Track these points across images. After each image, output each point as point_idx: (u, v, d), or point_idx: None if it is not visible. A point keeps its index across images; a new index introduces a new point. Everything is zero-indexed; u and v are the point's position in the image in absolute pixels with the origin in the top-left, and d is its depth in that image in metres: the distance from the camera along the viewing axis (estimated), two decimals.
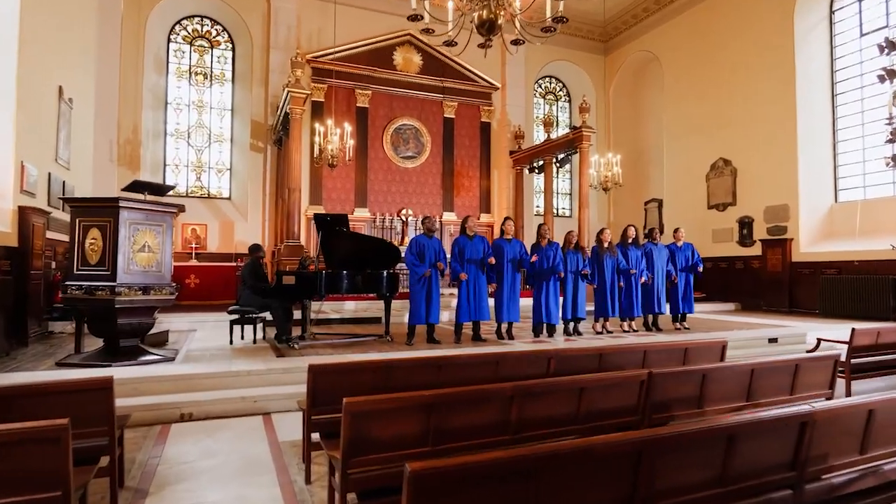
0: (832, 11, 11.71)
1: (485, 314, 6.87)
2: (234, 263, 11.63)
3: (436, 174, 14.53)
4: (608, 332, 7.72)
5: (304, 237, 12.01)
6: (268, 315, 6.86)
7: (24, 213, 6.48)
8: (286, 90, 10.08)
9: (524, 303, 7.44)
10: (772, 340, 7.60)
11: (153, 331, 6.01)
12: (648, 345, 4.02)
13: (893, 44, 9.73)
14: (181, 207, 5.50)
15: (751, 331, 8.08)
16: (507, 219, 7.36)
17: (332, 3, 12.85)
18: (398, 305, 9.48)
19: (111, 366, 4.90)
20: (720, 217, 13.22)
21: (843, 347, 5.48)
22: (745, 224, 12.59)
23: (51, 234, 7.36)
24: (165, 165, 12.75)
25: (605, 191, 12.22)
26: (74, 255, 5.03)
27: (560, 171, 16.86)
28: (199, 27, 13.28)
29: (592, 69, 17.18)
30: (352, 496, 2.29)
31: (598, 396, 2.75)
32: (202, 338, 7.09)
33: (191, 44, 13.22)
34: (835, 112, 11.65)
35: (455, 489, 1.45)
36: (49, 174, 7.50)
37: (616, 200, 16.91)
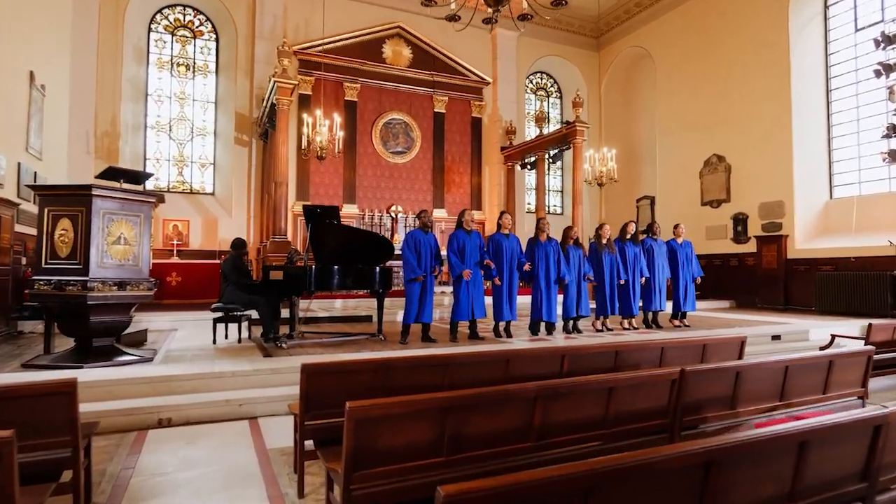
0: (826, 7, 11.62)
1: (482, 312, 6.59)
2: (218, 261, 11.19)
3: (426, 170, 14.23)
4: (608, 330, 7.47)
5: (291, 233, 11.63)
6: (254, 313, 6.50)
7: None
8: (273, 80, 9.70)
9: (521, 300, 7.16)
10: (775, 338, 7.41)
11: (130, 330, 5.63)
12: (666, 341, 3.76)
13: (890, 38, 9.64)
14: (160, 197, 5.14)
15: (753, 328, 7.89)
16: (504, 213, 7.08)
17: None
18: (389, 303, 9.18)
19: (83, 367, 4.53)
20: (714, 214, 13.08)
21: (857, 343, 5.29)
22: (740, 221, 12.46)
23: (21, 228, 6.93)
24: (146, 159, 12.27)
25: (600, 186, 12.01)
26: (43, 248, 4.64)
27: (551, 168, 16.66)
28: (182, 16, 12.81)
29: (584, 65, 16.99)
30: None
31: (627, 397, 2.47)
32: (183, 337, 6.70)
33: (172, 34, 12.75)
34: (829, 108, 11.56)
35: None
36: (18, 164, 7.05)
37: (608, 198, 16.73)
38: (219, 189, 12.90)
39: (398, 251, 6.72)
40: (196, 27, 12.95)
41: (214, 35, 13.13)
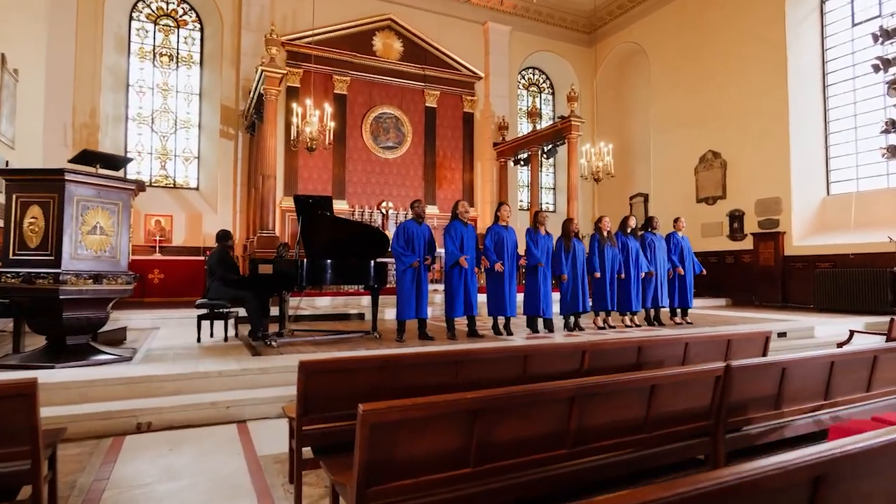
0: (823, 1, 11.52)
1: (475, 307, 6.30)
2: (203, 258, 10.78)
3: (417, 165, 13.92)
4: (610, 327, 7.23)
5: (279, 229, 11.25)
6: (241, 311, 6.15)
7: None
8: (260, 69, 9.33)
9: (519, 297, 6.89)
10: (781, 335, 7.21)
11: (108, 328, 5.25)
12: (689, 336, 3.50)
13: (888, 33, 9.54)
14: (140, 184, 4.77)
15: (756, 325, 7.71)
16: (503, 203, 6.79)
17: None
18: (380, 301, 8.86)
19: (54, 367, 4.16)
20: (710, 211, 12.94)
21: (875, 339, 5.10)
22: (736, 218, 12.32)
23: None
24: (127, 152, 11.78)
25: (597, 181, 11.79)
26: (11, 238, 4.25)
27: (544, 165, 16.44)
28: (164, 4, 12.36)
29: (577, 61, 16.79)
30: None
31: (668, 397, 2.20)
32: (166, 336, 6.32)
33: (155, 22, 12.29)
34: (826, 103, 11.46)
35: None
36: None
37: (600, 195, 16.56)
38: (203, 184, 12.47)
39: None
40: (179, 16, 12.51)
41: (199, 25, 12.70)
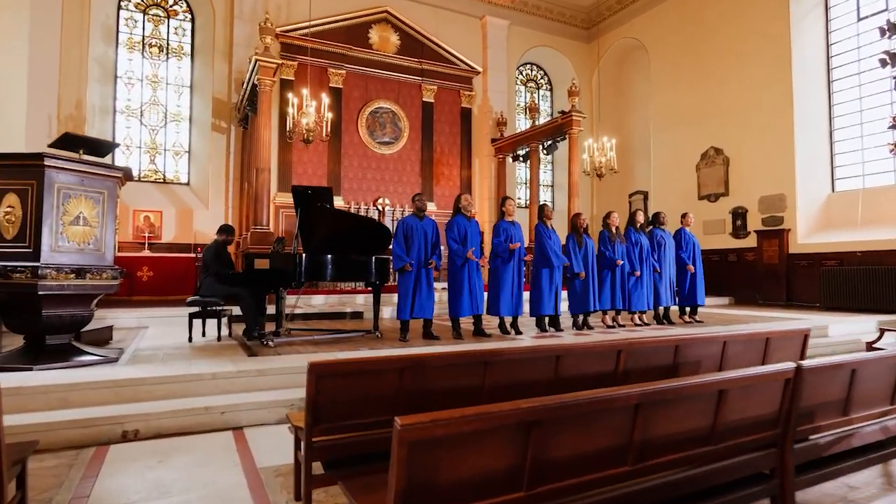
0: None
1: (482, 306, 6.01)
2: (193, 255, 10.43)
3: (414, 161, 13.60)
4: (619, 326, 6.97)
5: (273, 226, 10.91)
6: (235, 309, 5.82)
7: None
8: (254, 59, 8.99)
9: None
10: None
11: (92, 326, 4.91)
12: (727, 335, 3.23)
13: (895, 26, 9.37)
14: (127, 172, 4.43)
15: (768, 324, 7.49)
16: (508, 198, 6.51)
17: None
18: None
19: (32, 369, 3.82)
20: (712, 208, 12.74)
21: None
22: (739, 215, 12.13)
23: None
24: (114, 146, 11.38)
25: (600, 177, 11.54)
26: None
27: (542, 163, 16.18)
28: None
29: (575, 57, 16.57)
30: None
31: (737, 403, 1.92)
32: (155, 335, 5.97)
33: (144, 12, 11.89)
34: (831, 99, 11.29)
35: None
36: None
37: (599, 193, 16.35)
38: (194, 179, 12.09)
39: None
40: (170, 6, 12.12)
41: (190, 15, 12.32)
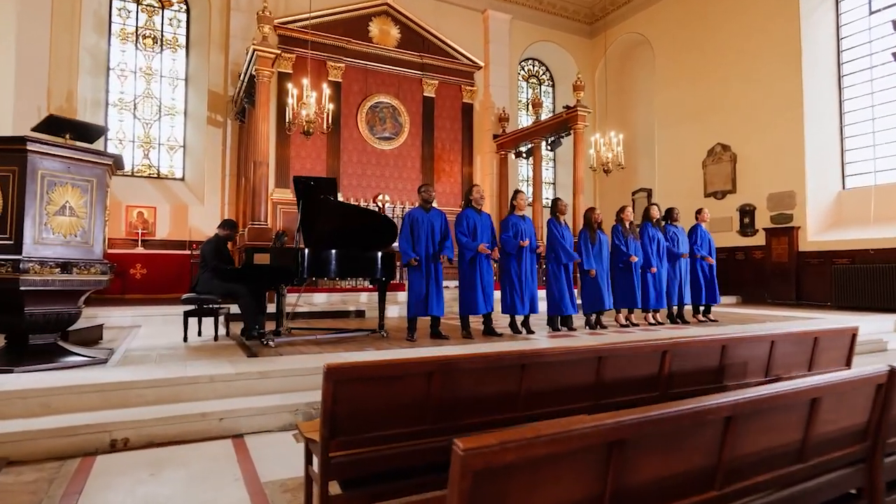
0: None
1: (492, 304, 5.73)
2: (189, 252, 10.11)
3: (414, 157, 13.30)
4: (633, 325, 6.71)
5: (270, 223, 10.60)
6: (233, 307, 5.52)
7: None
8: (252, 48, 8.68)
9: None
10: None
11: (80, 325, 4.60)
12: (773, 335, 2.96)
13: None
14: (118, 159, 4.12)
15: (787, 323, 7.25)
16: (519, 191, 6.23)
17: None
18: (376, 298, 8.26)
19: (13, 371, 3.52)
20: (718, 205, 12.50)
21: None
22: (747, 212, 11.90)
23: None
24: (107, 140, 11.05)
25: (606, 173, 11.28)
26: None
27: (544, 159, 15.93)
28: None
29: (578, 52, 16.31)
30: None
31: (830, 413, 1.64)
32: (148, 335, 5.67)
33: (138, 2, 11.54)
34: (841, 94, 11.07)
35: None
36: None
37: (602, 191, 16.11)
38: (189, 174, 11.76)
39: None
40: None
41: (185, 6, 11.98)
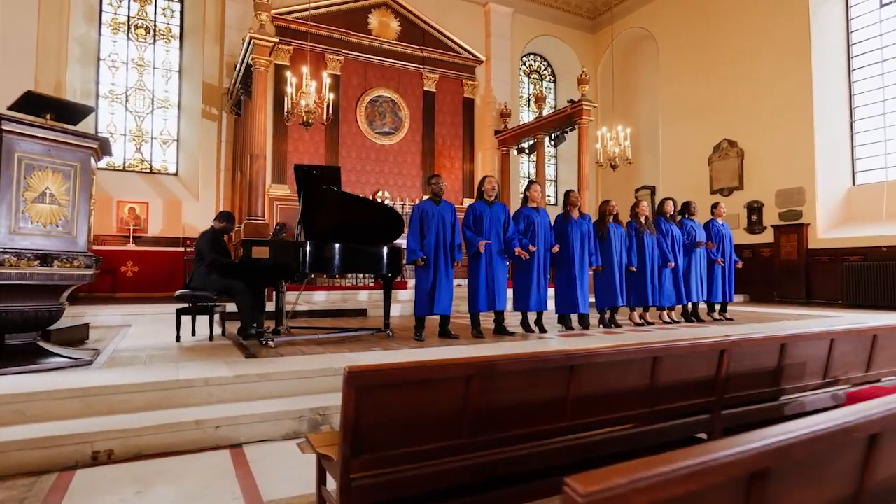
0: None
1: (503, 301, 5.42)
2: (182, 249, 9.75)
3: (415, 153, 12.99)
4: (648, 323, 6.42)
5: (268, 218, 10.26)
6: (230, 306, 5.19)
7: None
8: (249, 36, 8.34)
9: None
10: None
11: (64, 324, 4.27)
12: (833, 332, 2.67)
13: None
14: (104, 143, 3.79)
15: (805, 321, 6.99)
16: (533, 182, 5.94)
17: None
18: (378, 296, 7.94)
19: None
20: (725, 202, 11.88)
21: None
22: (755, 209, 11.65)
23: None
24: (97, 132, 10.69)
25: (613, 168, 11.00)
26: None
27: (546, 157, 15.63)
28: None
29: (580, 47, 16.05)
30: None
31: None
32: (138, 334, 5.33)
33: None
34: (851, 88, 10.83)
35: None
36: None
37: (604, 188, 15.83)
38: (183, 169, 11.40)
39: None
40: None
41: None
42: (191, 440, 2.81)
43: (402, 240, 5.63)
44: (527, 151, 13.76)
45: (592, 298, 6.21)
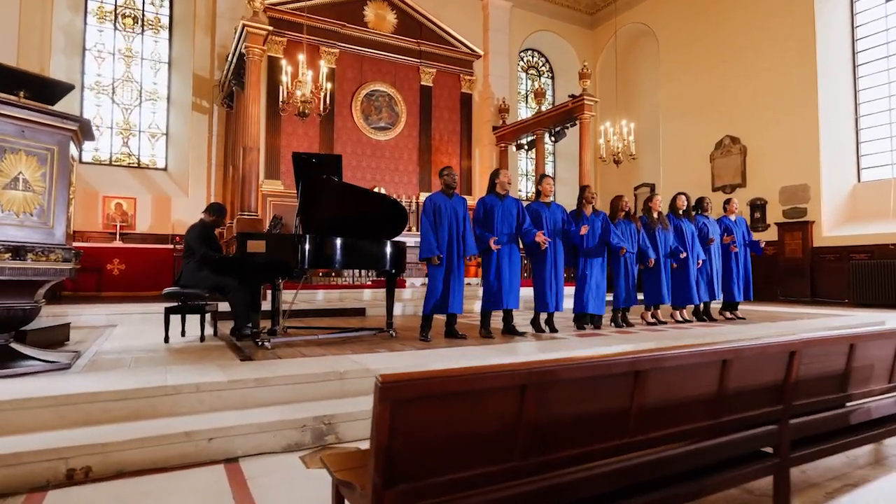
0: None
1: (516, 300, 5.14)
2: (172, 246, 9.38)
3: (411, 149, 12.68)
4: (661, 322, 6.17)
5: (260, 215, 9.92)
6: (222, 305, 4.87)
7: None
8: (241, 24, 8.01)
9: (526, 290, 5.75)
10: None
11: (40, 323, 3.93)
12: None
13: None
14: (86, 124, 3.45)
15: (821, 321, 6.78)
16: (545, 176, 5.68)
17: None
18: (378, 294, 7.64)
19: None
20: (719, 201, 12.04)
21: None
22: (758, 207, 11.46)
23: None
24: None
25: (617, 164, 10.77)
26: None
27: (545, 154, 15.39)
28: None
29: (578, 43, 15.82)
30: None
31: None
32: (123, 335, 4.99)
33: None
34: (856, 84, 10.67)
35: None
36: None
37: (603, 186, 15.60)
38: (172, 163, 11.01)
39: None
40: None
41: None
42: (180, 454, 2.49)
43: (402, 236, 5.34)
44: (525, 148, 13.50)
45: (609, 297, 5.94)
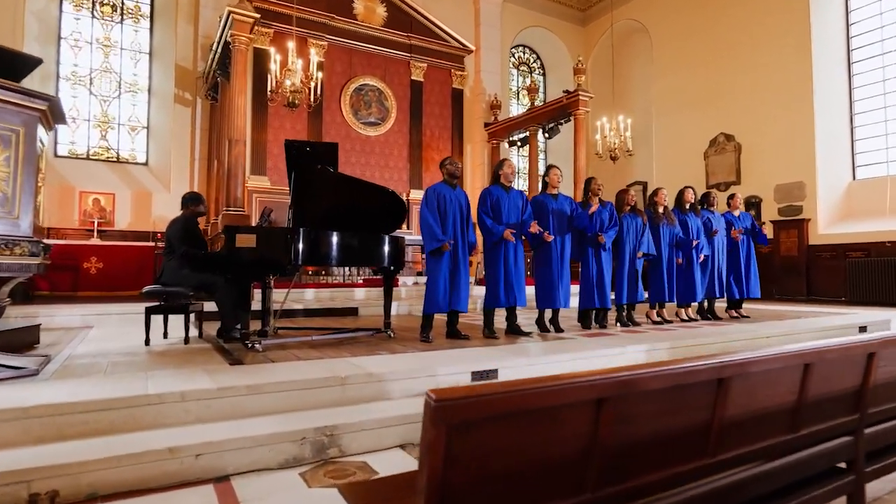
0: None
1: (523, 297, 4.89)
2: (153, 243, 8.97)
3: (402, 145, 12.38)
4: (666, 321, 5.96)
5: (246, 211, 9.55)
6: (209, 305, 4.54)
7: None
8: (227, 11, 7.66)
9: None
10: (862, 329, 6.17)
11: (6, 325, 3.58)
12: None
13: None
14: (55, 104, 3.13)
15: (824, 319, 6.64)
16: (552, 167, 5.43)
17: None
18: (376, 294, 7.36)
19: None
20: (722, 198, 11.88)
21: None
22: (753, 205, 11.35)
23: None
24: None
25: (614, 160, 10.59)
26: None
27: (535, 152, 15.19)
28: None
29: (570, 39, 15.64)
30: None
31: None
32: (100, 337, 4.63)
33: None
34: (851, 81, 10.61)
35: None
36: None
37: None
38: (154, 158, 10.58)
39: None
40: None
41: None
42: (163, 473, 2.18)
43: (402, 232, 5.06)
44: (518, 145, 13.27)
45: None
